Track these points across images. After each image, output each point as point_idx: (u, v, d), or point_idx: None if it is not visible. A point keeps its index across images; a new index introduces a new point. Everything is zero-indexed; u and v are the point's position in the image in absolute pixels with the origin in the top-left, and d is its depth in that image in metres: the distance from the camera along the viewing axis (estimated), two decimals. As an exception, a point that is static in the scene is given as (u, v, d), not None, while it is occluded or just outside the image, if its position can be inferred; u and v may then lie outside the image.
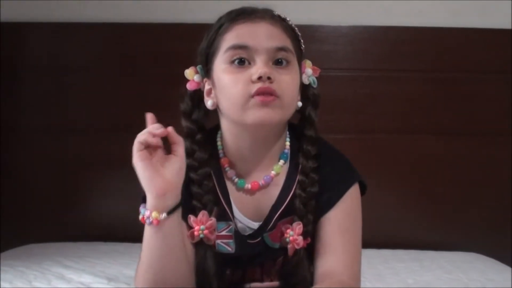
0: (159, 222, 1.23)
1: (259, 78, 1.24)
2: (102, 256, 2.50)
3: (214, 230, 1.35)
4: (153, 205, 1.23)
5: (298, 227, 1.34)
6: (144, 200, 1.26)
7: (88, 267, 2.32)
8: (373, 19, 2.78)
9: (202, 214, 1.32)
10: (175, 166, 1.23)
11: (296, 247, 1.34)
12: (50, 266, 2.30)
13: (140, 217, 1.25)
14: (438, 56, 2.77)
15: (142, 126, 2.71)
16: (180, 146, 1.24)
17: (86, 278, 2.18)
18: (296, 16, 1.41)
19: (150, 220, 1.23)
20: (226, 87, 1.29)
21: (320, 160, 1.39)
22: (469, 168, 2.78)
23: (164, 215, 1.23)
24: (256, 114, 1.25)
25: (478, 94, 2.78)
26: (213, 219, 1.33)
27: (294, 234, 1.33)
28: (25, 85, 2.84)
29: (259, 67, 1.25)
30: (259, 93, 1.24)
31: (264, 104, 1.24)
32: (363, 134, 2.77)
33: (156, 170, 1.21)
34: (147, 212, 1.23)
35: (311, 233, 1.37)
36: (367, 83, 2.77)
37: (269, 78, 1.24)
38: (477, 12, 2.77)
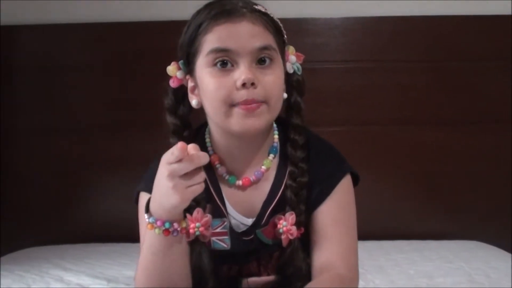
0: (185, 230, 1.23)
1: (243, 84, 1.22)
2: (101, 257, 2.50)
3: (209, 227, 1.33)
4: (172, 218, 1.20)
5: (291, 217, 1.32)
6: (146, 207, 1.24)
7: (87, 269, 2.32)
8: (366, 10, 2.77)
9: (197, 212, 1.30)
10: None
11: (290, 237, 1.32)
12: (49, 269, 2.31)
13: (161, 230, 1.20)
14: (433, 46, 2.76)
15: (141, 126, 2.73)
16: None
17: (85, 280, 2.18)
18: (288, 9, 1.40)
19: (179, 230, 1.21)
20: (209, 92, 1.27)
21: (309, 152, 1.38)
22: (467, 157, 2.77)
23: (187, 221, 1.24)
24: (240, 123, 1.24)
25: (475, 83, 2.76)
26: (209, 216, 1.31)
27: (287, 224, 1.32)
28: (23, 86, 2.84)
29: (242, 72, 1.23)
30: (244, 103, 1.22)
31: (248, 114, 1.23)
32: (358, 126, 2.76)
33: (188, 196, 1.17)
34: (175, 225, 1.20)
35: (304, 223, 1.36)
36: (361, 75, 2.76)
37: (252, 84, 1.22)
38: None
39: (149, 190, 1.32)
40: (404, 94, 2.76)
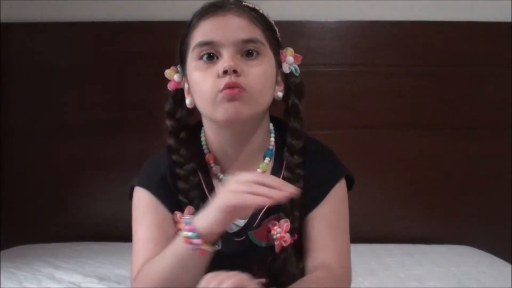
0: (205, 253, 1.19)
1: (225, 72, 1.23)
2: (93, 255, 2.50)
3: None
4: (207, 236, 1.18)
5: (285, 224, 1.32)
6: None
7: (78, 267, 2.32)
8: (361, 14, 2.78)
9: (188, 210, 1.32)
10: None
11: (284, 244, 1.32)
12: (41, 266, 2.31)
13: (186, 236, 1.18)
14: (429, 50, 2.77)
15: (134, 127, 2.73)
16: None
17: (77, 278, 2.18)
18: (283, 12, 1.41)
19: (198, 245, 1.17)
20: (197, 84, 1.29)
21: (306, 156, 1.37)
22: (460, 162, 2.78)
23: (215, 247, 1.21)
24: (225, 110, 1.24)
25: (472, 89, 2.78)
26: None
27: (281, 232, 1.32)
28: (16, 86, 2.83)
29: (224, 61, 1.24)
30: (226, 87, 1.23)
31: (231, 98, 1.23)
32: (352, 130, 2.77)
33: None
34: (196, 240, 1.17)
35: (298, 230, 1.36)
36: (355, 79, 2.77)
37: (235, 71, 1.23)
38: (468, 5, 2.76)
39: (144, 185, 1.35)
40: (398, 98, 2.77)
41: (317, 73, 2.70)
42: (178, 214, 1.32)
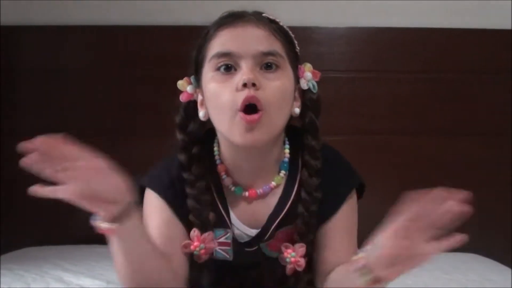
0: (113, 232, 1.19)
1: (244, 85, 1.19)
2: (101, 258, 2.49)
3: (212, 254, 1.33)
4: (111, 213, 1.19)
5: (301, 249, 1.31)
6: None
7: (87, 270, 2.33)
8: (370, 21, 2.79)
9: (208, 234, 1.30)
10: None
11: (298, 269, 1.31)
12: (49, 269, 2.31)
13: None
14: (435, 57, 2.78)
15: (141, 129, 2.73)
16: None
17: (85, 281, 2.19)
18: (293, 18, 1.41)
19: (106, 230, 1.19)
20: (213, 97, 1.24)
21: (322, 173, 1.35)
22: (466, 169, 2.77)
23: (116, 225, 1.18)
24: (242, 137, 1.20)
25: (475, 95, 2.79)
26: (216, 243, 1.32)
27: (296, 256, 1.31)
28: (22, 89, 2.84)
29: (243, 73, 1.20)
30: (244, 107, 1.18)
31: (250, 128, 1.19)
32: (360, 136, 2.77)
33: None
34: (95, 221, 1.19)
35: (310, 252, 1.35)
36: (364, 85, 2.77)
37: (254, 84, 1.19)
38: (474, 12, 2.77)
39: (151, 186, 1.35)
40: (405, 104, 2.77)
41: (326, 79, 2.66)
42: (196, 231, 1.31)
